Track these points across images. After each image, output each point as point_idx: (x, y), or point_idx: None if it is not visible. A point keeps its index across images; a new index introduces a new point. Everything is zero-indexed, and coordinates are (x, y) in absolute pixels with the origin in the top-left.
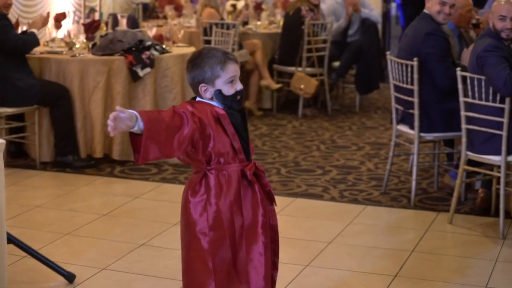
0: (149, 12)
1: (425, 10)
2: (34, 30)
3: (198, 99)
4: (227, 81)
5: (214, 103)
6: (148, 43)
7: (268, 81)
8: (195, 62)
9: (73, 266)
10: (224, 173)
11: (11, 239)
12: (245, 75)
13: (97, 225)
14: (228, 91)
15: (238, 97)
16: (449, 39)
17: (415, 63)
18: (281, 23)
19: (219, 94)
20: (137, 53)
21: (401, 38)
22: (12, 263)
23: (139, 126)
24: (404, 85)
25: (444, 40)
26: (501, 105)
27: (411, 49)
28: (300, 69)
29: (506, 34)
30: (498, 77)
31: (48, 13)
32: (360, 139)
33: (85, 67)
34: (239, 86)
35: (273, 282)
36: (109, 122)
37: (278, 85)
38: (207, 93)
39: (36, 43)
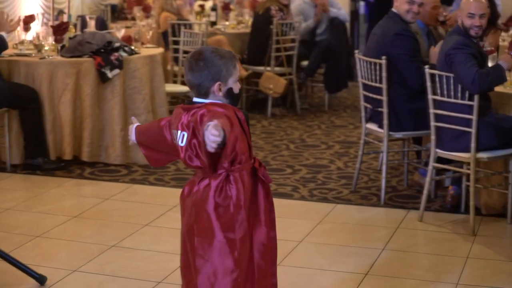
0: (118, 14)
1: (393, 9)
2: (3, 33)
3: (202, 100)
4: (236, 79)
5: (223, 101)
6: (117, 44)
7: None
8: (208, 61)
9: (44, 268)
10: (243, 173)
11: None
12: None
13: (67, 227)
14: (236, 89)
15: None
16: (418, 38)
17: (383, 61)
18: (250, 23)
19: (229, 92)
20: (106, 55)
21: (368, 37)
22: None
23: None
24: (373, 84)
25: (413, 40)
26: (470, 102)
27: (380, 49)
28: (269, 68)
29: (475, 32)
30: (467, 74)
31: (19, 18)
32: (329, 138)
33: (54, 69)
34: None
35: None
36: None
37: (247, 72)
38: (220, 92)
39: (5, 46)
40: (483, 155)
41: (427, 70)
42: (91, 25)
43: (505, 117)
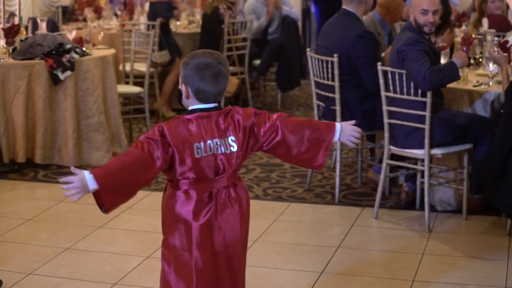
0: (69, 15)
1: (345, 7)
2: None
3: (216, 104)
4: None
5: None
6: (68, 46)
7: (164, 107)
8: (226, 71)
9: None
10: None
11: None
12: (164, 74)
13: (22, 230)
14: None
15: None
16: (380, 39)
17: (335, 59)
18: (201, 22)
19: None
20: (58, 57)
21: (319, 35)
22: None
23: None
24: (325, 82)
25: (374, 42)
26: (423, 99)
27: (338, 50)
28: None
29: (428, 28)
30: (418, 71)
31: None
32: None
33: (5, 72)
34: None
35: None
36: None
37: (172, 114)
38: None
39: None
40: (437, 151)
41: (380, 67)
42: (42, 27)
43: (458, 113)
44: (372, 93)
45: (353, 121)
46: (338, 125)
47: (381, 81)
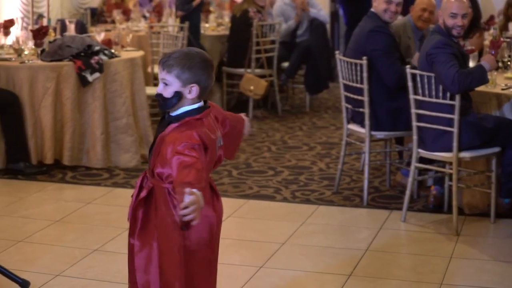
0: (97, 17)
1: (372, 9)
2: None
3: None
4: None
5: None
6: (97, 48)
7: None
8: None
9: (27, 273)
10: None
11: None
12: None
13: (50, 231)
14: None
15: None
16: (410, 43)
17: (364, 62)
18: (229, 25)
19: None
20: (86, 58)
21: (348, 37)
22: None
23: None
24: (354, 84)
25: (388, 36)
26: (451, 102)
27: (357, 48)
28: (249, 70)
29: (457, 32)
30: (447, 74)
31: None
32: (311, 139)
33: (34, 74)
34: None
35: None
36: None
37: None
38: None
39: None
40: (465, 155)
41: (409, 70)
42: (71, 29)
43: (487, 116)
44: (392, 86)
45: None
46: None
47: (410, 84)
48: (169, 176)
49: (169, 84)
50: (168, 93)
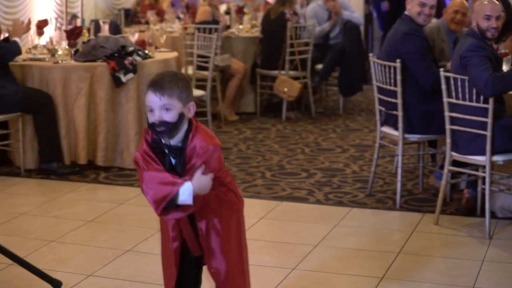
0: (131, 18)
1: (406, 12)
2: (16, 39)
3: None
4: (147, 109)
5: None
6: (131, 48)
7: (227, 110)
8: None
9: (59, 273)
10: None
11: None
12: (227, 78)
13: (82, 231)
14: (149, 119)
15: (156, 129)
16: (444, 46)
17: (397, 64)
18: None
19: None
20: (120, 59)
21: (383, 41)
22: None
23: None
24: (387, 87)
25: (422, 39)
26: (485, 105)
27: (391, 50)
28: (283, 72)
29: (491, 34)
30: (480, 77)
31: (29, 19)
32: (344, 142)
33: (67, 74)
34: (151, 118)
35: None
36: None
37: (235, 117)
38: None
39: (18, 51)
40: (498, 158)
41: (442, 73)
42: (105, 29)
43: None
44: (428, 91)
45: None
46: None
47: (443, 87)
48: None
49: (171, 108)
50: (172, 117)
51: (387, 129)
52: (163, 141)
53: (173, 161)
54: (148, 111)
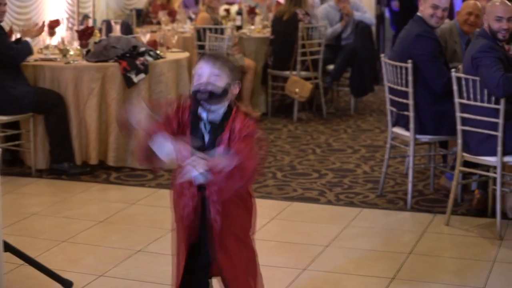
0: (143, 18)
1: (418, 13)
2: (28, 39)
3: None
4: (195, 77)
5: None
6: (142, 49)
7: (248, 108)
8: None
9: (70, 273)
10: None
11: (8, 247)
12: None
13: (93, 231)
14: (194, 85)
15: (199, 96)
16: (456, 48)
17: (409, 65)
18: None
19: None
20: (131, 59)
21: (394, 41)
22: (9, 271)
23: None
24: (399, 87)
25: (434, 41)
26: (496, 106)
27: (402, 51)
28: (294, 73)
29: (502, 35)
30: (492, 78)
31: (43, 23)
32: (355, 142)
33: (79, 74)
34: (198, 82)
35: None
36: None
37: (258, 113)
38: None
39: (30, 52)
40: (509, 159)
41: (454, 73)
42: (116, 29)
43: None
44: (439, 93)
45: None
46: None
47: (455, 87)
48: None
49: (220, 77)
50: (221, 82)
51: (398, 130)
52: (202, 114)
53: (206, 137)
54: (196, 77)
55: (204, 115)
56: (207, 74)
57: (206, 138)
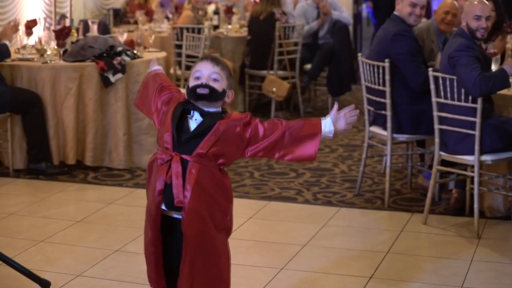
0: (120, 18)
1: (395, 12)
2: (6, 42)
3: None
4: (193, 76)
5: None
6: (119, 48)
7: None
8: None
9: (48, 273)
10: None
11: None
12: None
13: (71, 231)
14: (192, 84)
15: (198, 90)
16: (434, 47)
17: (386, 64)
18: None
19: (186, 88)
20: (108, 59)
21: (372, 40)
22: None
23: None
24: (376, 87)
25: (412, 40)
26: (473, 105)
27: (380, 50)
28: (272, 72)
29: (481, 34)
30: (468, 77)
31: (15, 20)
32: (333, 141)
33: (56, 74)
34: (197, 81)
35: None
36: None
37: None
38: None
39: (8, 54)
40: (487, 158)
41: (431, 72)
42: (94, 29)
43: (509, 119)
44: (417, 91)
45: (336, 105)
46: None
47: (432, 86)
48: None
49: (219, 80)
50: (219, 87)
51: (375, 129)
52: (192, 111)
53: (194, 125)
54: (194, 78)
55: (194, 112)
56: (207, 74)
57: (189, 132)
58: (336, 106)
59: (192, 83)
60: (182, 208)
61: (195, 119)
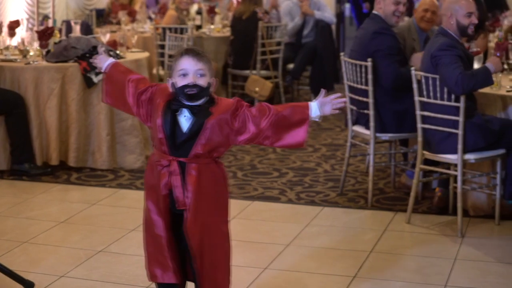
0: (103, 18)
1: (375, 11)
2: None
3: None
4: (179, 73)
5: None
6: (102, 49)
7: None
8: None
9: (31, 274)
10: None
11: None
12: None
13: (54, 232)
14: (180, 83)
15: (187, 90)
16: (415, 45)
17: (369, 63)
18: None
19: (172, 85)
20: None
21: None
22: None
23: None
24: (358, 86)
25: (391, 37)
26: (456, 104)
27: (361, 50)
28: (254, 72)
29: (471, 30)
30: (450, 76)
31: None
32: (316, 141)
33: (39, 75)
34: (184, 81)
35: None
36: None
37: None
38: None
39: None
40: (470, 157)
41: (413, 72)
42: (76, 30)
43: (492, 118)
44: (387, 88)
45: (323, 91)
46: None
47: (414, 85)
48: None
49: (204, 74)
50: (204, 83)
51: (358, 128)
52: (181, 109)
53: (186, 124)
54: (180, 75)
55: (182, 109)
56: (192, 72)
57: (186, 126)
58: (323, 92)
59: (178, 82)
60: (185, 209)
61: (185, 116)
